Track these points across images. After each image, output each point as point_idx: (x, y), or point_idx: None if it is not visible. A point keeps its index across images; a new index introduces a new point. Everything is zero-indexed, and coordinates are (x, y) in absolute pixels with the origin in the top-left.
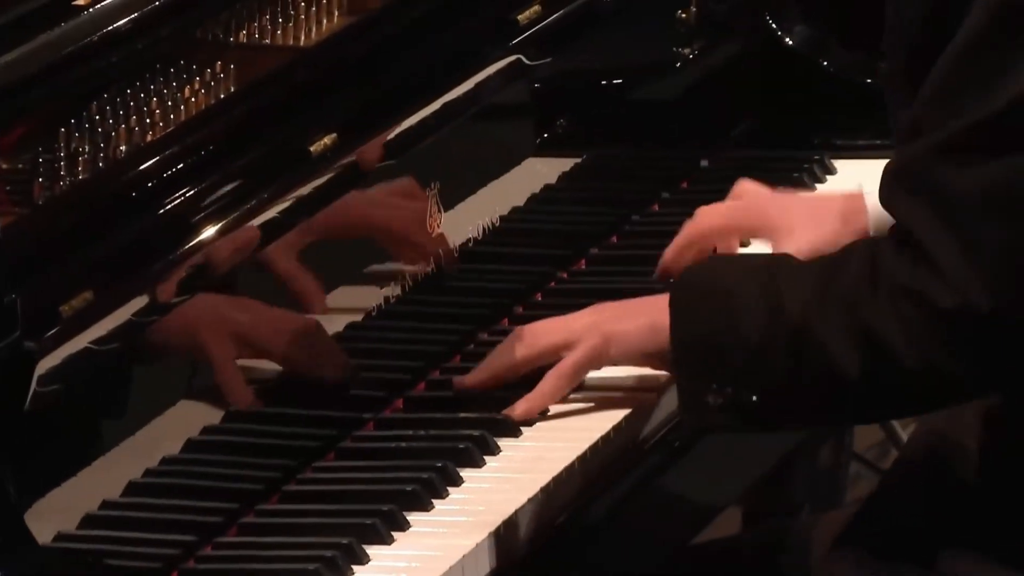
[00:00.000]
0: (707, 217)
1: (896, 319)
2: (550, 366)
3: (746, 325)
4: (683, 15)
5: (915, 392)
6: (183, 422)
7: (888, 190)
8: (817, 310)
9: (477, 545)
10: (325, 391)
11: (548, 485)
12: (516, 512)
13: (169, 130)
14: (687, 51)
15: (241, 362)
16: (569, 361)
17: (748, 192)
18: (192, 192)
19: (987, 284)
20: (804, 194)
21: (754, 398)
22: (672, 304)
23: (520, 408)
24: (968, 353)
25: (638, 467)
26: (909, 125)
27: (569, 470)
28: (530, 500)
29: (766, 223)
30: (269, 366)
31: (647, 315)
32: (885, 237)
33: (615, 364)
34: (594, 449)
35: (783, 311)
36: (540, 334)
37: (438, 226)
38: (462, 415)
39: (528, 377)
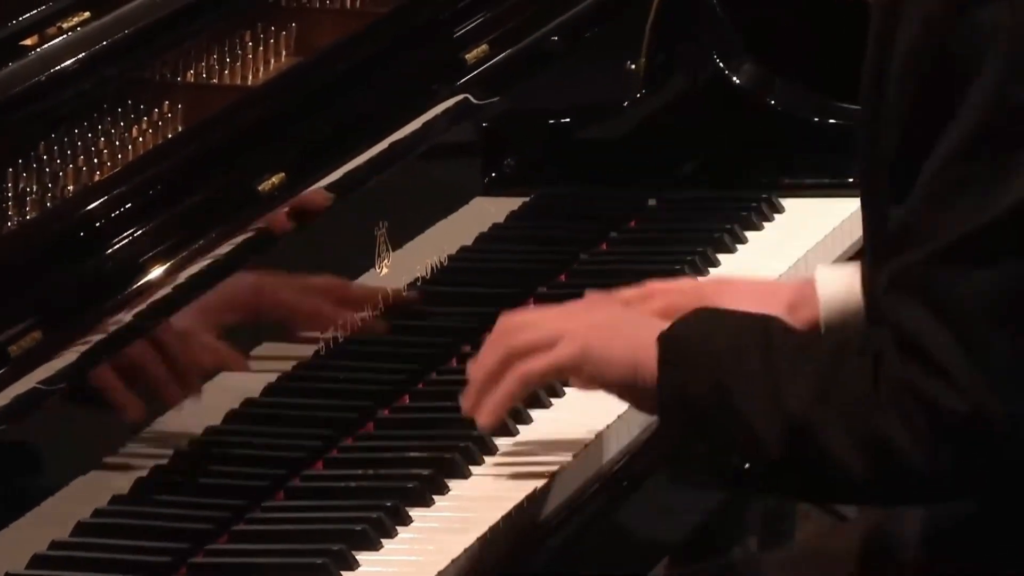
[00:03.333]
0: (645, 303)
1: (903, 423)
2: None
3: (742, 403)
4: (632, 66)
5: (919, 489)
6: (133, 462)
7: (890, 297)
8: (818, 410)
9: None
10: (275, 429)
11: (497, 524)
12: (464, 552)
13: (117, 170)
14: (635, 92)
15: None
16: (537, 366)
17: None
18: (140, 232)
19: (997, 390)
20: (750, 280)
21: (746, 466)
22: (661, 359)
23: (483, 417)
24: (976, 458)
25: (591, 504)
26: (900, 228)
27: (519, 509)
28: (479, 539)
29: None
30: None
31: (634, 349)
32: (884, 336)
33: (585, 386)
34: (544, 489)
35: (782, 403)
36: (520, 333)
37: (387, 266)
38: (412, 454)
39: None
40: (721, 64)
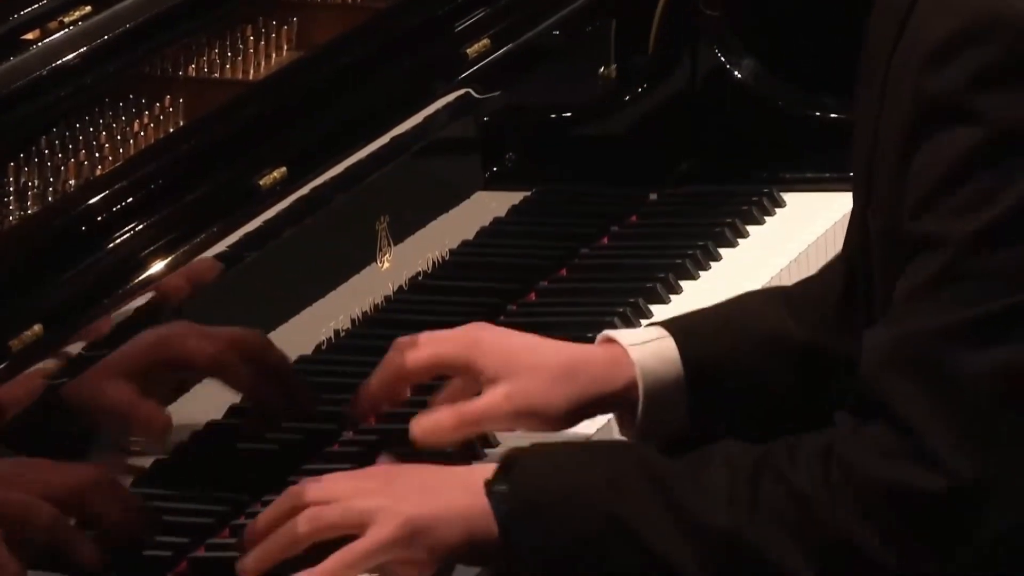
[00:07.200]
0: (411, 352)
1: (870, 523)
2: None
3: (644, 531)
4: (604, 72)
5: None
6: (133, 458)
7: (880, 370)
8: (750, 522)
9: None
10: (276, 425)
11: None
12: None
13: (118, 164)
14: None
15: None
16: (361, 548)
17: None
18: (142, 226)
19: (980, 462)
20: (553, 342)
21: None
22: (505, 518)
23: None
24: (958, 542)
25: None
26: (904, 297)
27: None
28: None
29: (476, 364)
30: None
31: (461, 511)
32: (838, 437)
33: (418, 556)
34: None
35: (699, 521)
36: (325, 510)
37: (388, 260)
38: (416, 450)
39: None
40: (723, 59)
